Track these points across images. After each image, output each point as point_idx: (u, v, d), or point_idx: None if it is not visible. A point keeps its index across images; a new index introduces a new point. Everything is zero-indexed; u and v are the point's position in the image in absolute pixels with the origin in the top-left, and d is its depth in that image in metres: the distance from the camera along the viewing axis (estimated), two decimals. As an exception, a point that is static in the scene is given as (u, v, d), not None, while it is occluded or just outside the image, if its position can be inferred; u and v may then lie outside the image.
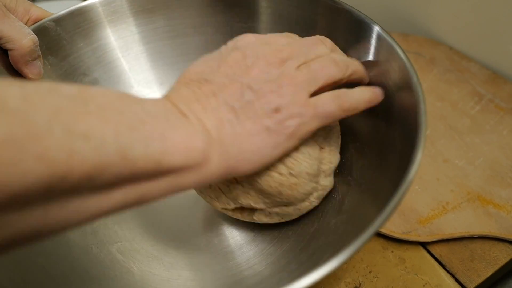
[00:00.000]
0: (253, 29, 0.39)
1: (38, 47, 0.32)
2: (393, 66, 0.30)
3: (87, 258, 0.30)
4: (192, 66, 0.25)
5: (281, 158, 0.26)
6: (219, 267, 0.31)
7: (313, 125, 0.24)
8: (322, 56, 0.26)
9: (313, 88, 0.24)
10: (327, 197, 0.32)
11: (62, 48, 0.36)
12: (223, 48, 0.26)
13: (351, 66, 0.27)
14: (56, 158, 0.16)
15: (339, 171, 0.33)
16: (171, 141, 0.20)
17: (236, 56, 0.25)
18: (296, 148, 0.26)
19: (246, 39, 0.26)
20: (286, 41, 0.26)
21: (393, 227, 0.35)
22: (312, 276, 0.19)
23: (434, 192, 0.38)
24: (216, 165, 0.22)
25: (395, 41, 0.30)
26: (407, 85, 0.27)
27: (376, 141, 0.30)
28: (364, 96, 0.26)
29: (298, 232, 0.32)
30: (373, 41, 0.31)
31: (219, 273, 0.31)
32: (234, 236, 0.33)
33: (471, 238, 0.35)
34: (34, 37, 0.31)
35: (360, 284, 0.33)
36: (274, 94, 0.23)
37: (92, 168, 0.17)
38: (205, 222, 0.34)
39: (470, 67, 0.49)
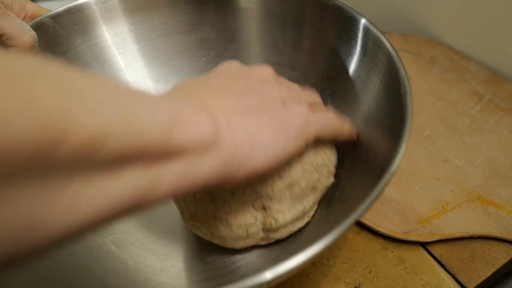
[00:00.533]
0: (247, 26, 0.41)
1: (38, 43, 0.33)
2: (381, 59, 0.31)
3: (81, 249, 0.30)
4: (179, 83, 0.25)
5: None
6: (211, 258, 0.32)
7: (316, 128, 0.26)
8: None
9: (305, 102, 0.27)
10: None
11: (60, 44, 0.37)
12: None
13: (345, 125, 0.30)
14: (48, 113, 0.13)
15: None
16: (178, 116, 0.18)
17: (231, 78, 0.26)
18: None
19: (231, 65, 0.28)
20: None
21: (393, 227, 0.36)
22: (291, 261, 0.20)
23: (434, 192, 0.39)
24: (230, 151, 0.21)
25: (383, 34, 0.31)
26: (394, 78, 0.29)
27: (366, 134, 0.32)
28: (349, 128, 0.31)
29: None
30: (360, 34, 0.33)
31: (211, 263, 0.32)
32: None
33: (471, 238, 0.36)
34: (33, 33, 0.32)
35: (360, 284, 0.34)
36: (278, 93, 0.25)
37: (91, 134, 0.14)
38: None
39: (470, 67, 0.50)
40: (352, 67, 0.35)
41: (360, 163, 0.31)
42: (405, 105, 0.26)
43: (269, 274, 0.19)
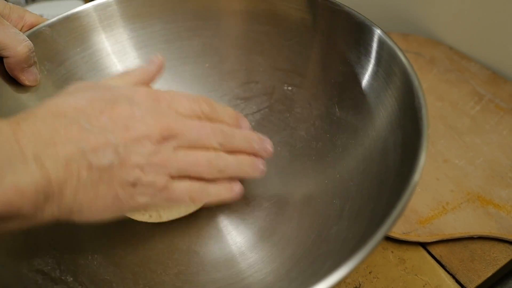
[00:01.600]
0: (251, 31, 0.40)
1: (34, 53, 0.33)
2: (394, 70, 0.31)
3: None
4: (79, 96, 0.24)
5: None
6: (220, 274, 0.32)
7: (159, 203, 0.25)
8: (205, 149, 0.26)
9: (177, 175, 0.25)
10: (327, 203, 0.33)
11: (58, 53, 0.37)
12: (121, 90, 0.26)
13: (226, 171, 0.27)
14: None
15: (339, 176, 0.34)
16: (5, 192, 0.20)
17: (124, 111, 0.24)
18: None
19: (145, 98, 0.25)
20: (187, 111, 0.26)
21: (393, 227, 0.37)
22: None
23: (434, 192, 0.39)
24: (48, 214, 0.22)
25: (397, 45, 0.31)
26: (408, 90, 0.28)
27: (378, 146, 0.32)
28: (219, 195, 0.27)
29: (300, 237, 0.32)
30: (374, 45, 0.33)
31: (220, 281, 0.31)
32: (235, 242, 0.34)
33: (471, 238, 0.36)
34: (29, 43, 0.32)
35: (360, 284, 0.34)
36: (137, 169, 0.24)
37: None
38: (205, 228, 0.35)
39: (470, 67, 0.51)
40: (363, 77, 0.34)
41: (371, 175, 0.31)
42: (421, 118, 0.26)
43: None
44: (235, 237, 0.34)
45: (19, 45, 0.31)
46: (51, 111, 0.23)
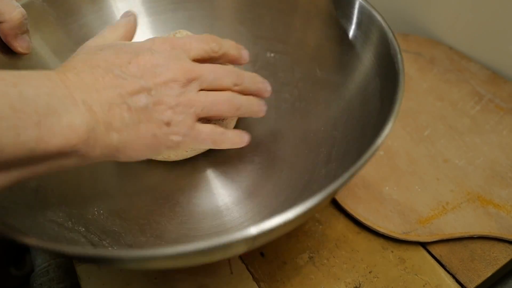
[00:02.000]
0: (234, 2, 0.41)
1: (27, 20, 0.33)
2: (371, 29, 0.33)
3: None
4: (104, 52, 0.27)
5: None
6: (219, 221, 0.34)
7: (189, 144, 0.29)
8: (223, 88, 0.30)
9: (202, 115, 0.29)
10: (315, 152, 0.36)
11: (50, 23, 0.37)
12: (140, 44, 0.28)
13: (241, 109, 0.31)
14: None
15: (324, 129, 0.36)
16: (47, 128, 0.22)
17: (148, 60, 0.27)
18: None
19: (163, 47, 0.28)
20: (200, 51, 0.29)
21: (393, 227, 0.36)
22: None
23: (434, 192, 0.39)
24: (98, 153, 0.25)
25: (375, 9, 0.33)
26: (383, 41, 0.31)
27: (358, 96, 0.34)
28: (233, 140, 0.31)
29: (292, 184, 0.35)
30: (356, 11, 0.35)
31: (221, 226, 0.34)
32: (230, 194, 0.36)
33: (471, 238, 0.36)
34: (22, 10, 0.32)
35: (360, 284, 0.33)
36: (169, 109, 0.27)
37: None
38: (202, 184, 0.37)
39: (470, 67, 0.50)
40: (343, 38, 0.36)
41: (354, 122, 0.33)
42: (396, 62, 0.28)
43: (254, 230, 0.20)
44: (230, 189, 0.36)
45: (13, 11, 0.31)
46: (86, 63, 0.26)
